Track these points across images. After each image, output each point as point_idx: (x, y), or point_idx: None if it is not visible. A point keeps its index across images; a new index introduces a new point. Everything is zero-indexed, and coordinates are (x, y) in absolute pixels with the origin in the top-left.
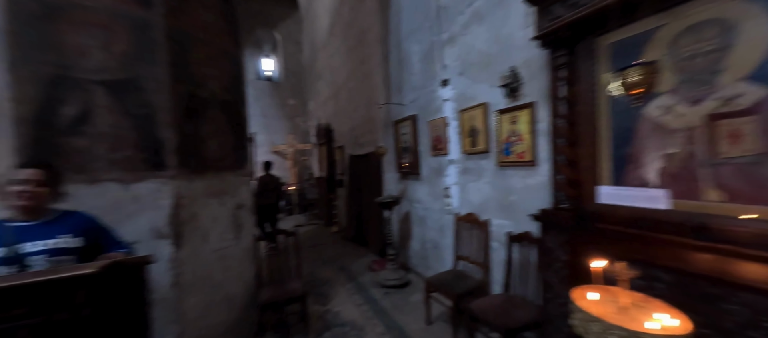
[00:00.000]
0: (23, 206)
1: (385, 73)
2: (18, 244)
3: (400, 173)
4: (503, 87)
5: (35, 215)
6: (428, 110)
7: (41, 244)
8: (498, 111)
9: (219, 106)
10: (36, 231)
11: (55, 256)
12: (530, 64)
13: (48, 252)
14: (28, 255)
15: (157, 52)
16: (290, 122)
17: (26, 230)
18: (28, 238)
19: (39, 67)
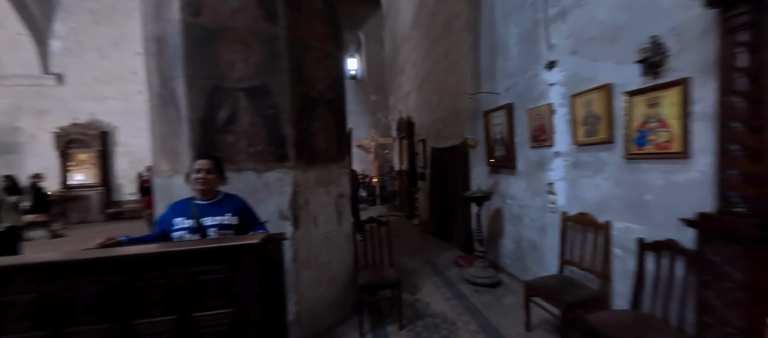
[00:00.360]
0: (200, 189)
1: (474, 62)
2: (201, 218)
3: (491, 167)
4: (640, 63)
5: (209, 196)
6: (528, 98)
7: (215, 219)
8: (628, 93)
9: (325, 104)
10: (211, 209)
11: (222, 230)
12: (682, 30)
13: (218, 226)
14: (207, 227)
15: (281, 60)
16: (372, 117)
17: (205, 207)
18: (206, 214)
19: (204, 80)
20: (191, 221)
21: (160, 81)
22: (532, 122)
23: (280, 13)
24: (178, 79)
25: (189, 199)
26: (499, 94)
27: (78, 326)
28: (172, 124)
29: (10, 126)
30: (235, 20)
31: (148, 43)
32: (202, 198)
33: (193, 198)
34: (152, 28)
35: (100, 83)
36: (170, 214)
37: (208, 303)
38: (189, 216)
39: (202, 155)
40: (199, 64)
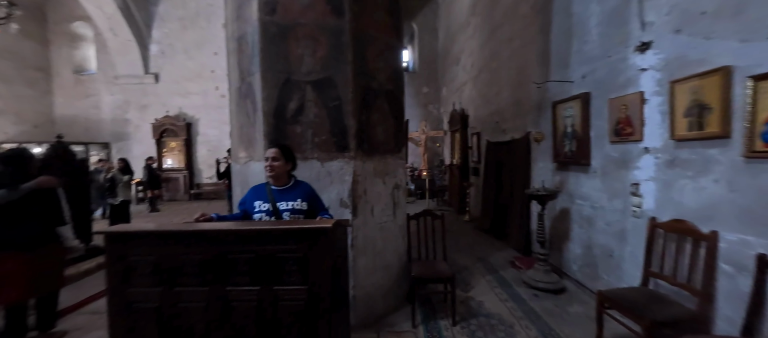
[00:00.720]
0: (272, 175)
1: (543, 48)
2: (277, 202)
3: (558, 163)
4: None
5: (281, 182)
6: (610, 86)
7: (288, 204)
8: (755, 77)
9: (384, 95)
10: (285, 194)
11: (294, 214)
12: None
13: (291, 211)
14: (282, 211)
15: (345, 53)
16: (423, 110)
17: (280, 192)
18: (281, 199)
19: (277, 74)
20: (268, 204)
21: (240, 76)
22: (615, 114)
23: (346, 7)
24: (255, 74)
25: (266, 184)
26: (573, 82)
27: (185, 286)
28: (249, 116)
29: (121, 118)
30: (304, 16)
31: (229, 43)
32: (275, 184)
33: (270, 183)
34: (233, 29)
35: (186, 81)
36: (251, 197)
37: (286, 279)
38: (266, 200)
39: (272, 145)
40: (272, 59)
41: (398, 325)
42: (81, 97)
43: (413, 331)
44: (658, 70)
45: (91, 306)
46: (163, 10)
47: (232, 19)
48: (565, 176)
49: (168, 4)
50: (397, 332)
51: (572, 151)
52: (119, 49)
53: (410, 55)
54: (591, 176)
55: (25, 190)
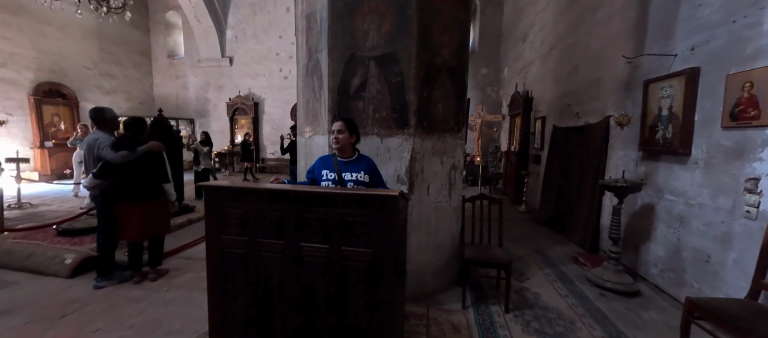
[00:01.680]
0: (337, 147)
1: (639, 16)
2: (342, 173)
3: (645, 152)
4: None
5: (346, 154)
6: (731, 58)
7: (352, 175)
8: None
9: (447, 72)
10: (349, 166)
11: (357, 185)
12: None
13: (355, 182)
14: (346, 181)
15: (410, 27)
16: (481, 93)
17: (345, 164)
18: (345, 170)
19: (343, 50)
20: (334, 174)
21: (308, 54)
22: (734, 93)
23: None
24: (322, 51)
25: (333, 155)
26: (676, 56)
27: (266, 239)
28: (315, 91)
29: (202, 97)
30: None
31: (299, 22)
32: (341, 156)
33: (336, 155)
34: (303, 7)
35: (254, 63)
36: (319, 166)
37: (353, 240)
38: (332, 170)
39: (337, 119)
40: (339, 35)
41: (448, 304)
42: (173, 78)
43: (463, 312)
44: None
45: (185, 253)
46: None
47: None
48: (653, 167)
49: None
50: (447, 310)
51: (666, 138)
52: (202, 35)
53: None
54: (689, 167)
55: (140, 152)
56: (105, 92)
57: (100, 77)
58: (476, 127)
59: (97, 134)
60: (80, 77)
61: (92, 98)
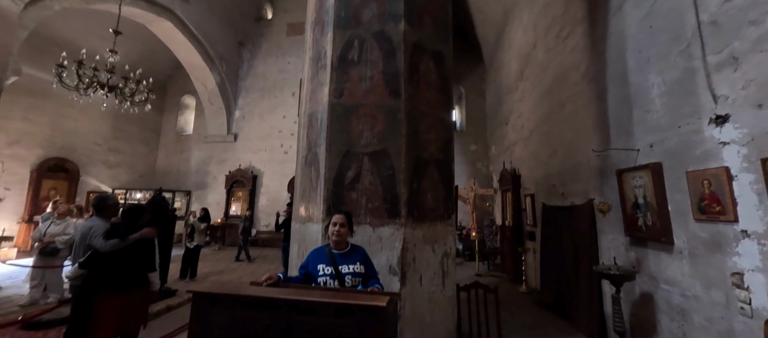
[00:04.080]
0: (335, 240)
1: (599, 115)
2: (339, 266)
3: (631, 237)
4: None
5: (341, 246)
6: (685, 158)
7: (349, 268)
8: None
9: (435, 164)
10: (345, 258)
11: (354, 277)
12: None
13: (352, 274)
14: (344, 275)
15: (399, 128)
16: (472, 167)
17: (340, 256)
18: (342, 262)
19: (339, 146)
20: (331, 268)
21: (307, 146)
22: (696, 189)
23: (402, 90)
24: (321, 146)
25: (325, 248)
26: (639, 151)
27: None
28: (312, 181)
29: (203, 170)
30: (366, 98)
31: (302, 119)
32: (336, 248)
33: (330, 247)
34: (306, 108)
35: (258, 139)
36: (313, 260)
37: None
38: (328, 263)
39: (334, 210)
40: (337, 133)
41: None
42: (178, 153)
43: None
44: (742, 145)
45: None
46: (249, 83)
47: (306, 100)
48: (643, 254)
49: (253, 79)
50: None
51: (648, 225)
52: (211, 115)
53: (458, 114)
54: (676, 257)
55: (131, 240)
56: (109, 166)
57: (107, 152)
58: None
59: (93, 221)
60: (88, 152)
61: (95, 172)
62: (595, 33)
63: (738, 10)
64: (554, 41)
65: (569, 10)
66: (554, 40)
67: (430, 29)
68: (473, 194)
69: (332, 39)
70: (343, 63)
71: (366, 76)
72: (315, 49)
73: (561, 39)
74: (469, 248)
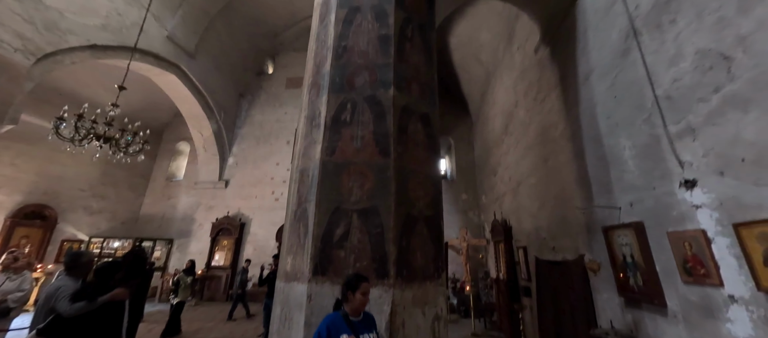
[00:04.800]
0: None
1: (580, 172)
2: (360, 335)
3: (625, 298)
4: None
5: (357, 313)
6: (664, 218)
7: (369, 336)
8: None
9: (424, 221)
10: (363, 326)
11: None
12: None
13: None
14: None
15: (389, 186)
16: (463, 216)
17: (359, 325)
18: (362, 330)
19: (329, 203)
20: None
21: (297, 202)
22: (679, 250)
23: (392, 149)
24: (311, 201)
25: (341, 315)
26: (620, 209)
27: None
28: (300, 238)
29: (189, 217)
30: (357, 156)
31: (293, 173)
32: (353, 315)
33: (346, 315)
34: (298, 163)
35: (249, 185)
36: (334, 331)
37: None
38: (349, 333)
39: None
40: (327, 190)
41: None
42: (164, 199)
43: None
44: (713, 209)
45: None
46: (245, 131)
47: (299, 156)
48: (639, 316)
49: (250, 127)
50: None
51: (639, 286)
52: (204, 162)
53: (448, 164)
54: (671, 321)
55: (100, 302)
56: (90, 212)
57: (90, 198)
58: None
59: (61, 281)
60: (70, 198)
61: (73, 219)
62: (568, 98)
63: (687, 89)
64: (533, 102)
65: (544, 77)
66: (533, 101)
67: (418, 94)
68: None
69: (327, 101)
70: (336, 123)
71: (357, 135)
72: (310, 109)
73: (538, 101)
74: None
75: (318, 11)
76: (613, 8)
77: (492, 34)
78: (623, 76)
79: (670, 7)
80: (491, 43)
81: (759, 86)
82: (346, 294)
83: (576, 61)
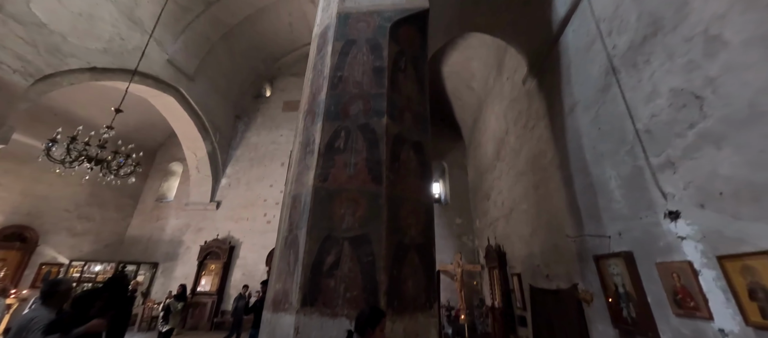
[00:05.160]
0: None
1: (570, 199)
2: None
3: (620, 330)
4: None
5: None
6: (652, 249)
7: None
8: None
9: (415, 249)
10: None
11: None
12: None
13: None
14: None
15: (381, 214)
16: (457, 241)
17: None
18: None
19: (320, 230)
20: None
21: (289, 228)
22: (668, 281)
23: (384, 176)
24: (302, 228)
25: None
26: (610, 237)
27: None
28: (290, 265)
29: (177, 239)
30: (349, 183)
31: (286, 199)
32: None
33: None
34: (291, 189)
35: (241, 207)
36: None
37: None
38: None
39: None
40: (318, 217)
41: None
42: (153, 220)
43: None
44: (697, 240)
45: None
46: (240, 153)
47: (292, 181)
48: None
49: (244, 149)
50: None
51: (632, 317)
52: (197, 183)
53: (442, 188)
54: None
55: (75, 335)
56: (73, 234)
57: (75, 220)
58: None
59: (35, 312)
60: (54, 219)
61: (55, 241)
62: (556, 128)
63: (664, 124)
64: (523, 130)
65: (532, 106)
66: (523, 129)
67: (410, 122)
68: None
69: (321, 129)
70: (329, 150)
71: (350, 162)
72: (305, 135)
73: (528, 129)
74: (459, 333)
75: (315, 42)
76: (593, 47)
77: (483, 64)
78: (605, 109)
79: (644, 48)
80: (482, 73)
81: (731, 124)
82: (365, 330)
83: (561, 93)
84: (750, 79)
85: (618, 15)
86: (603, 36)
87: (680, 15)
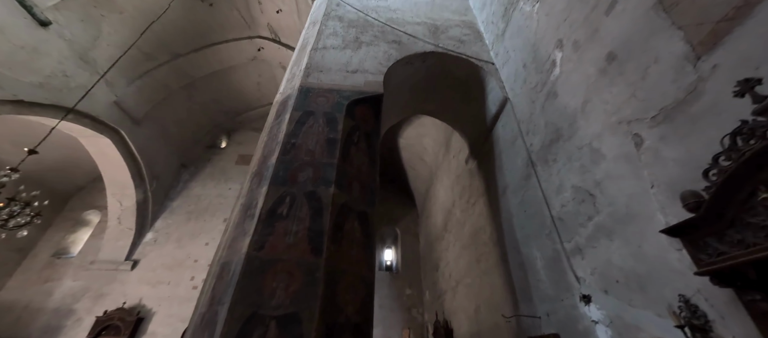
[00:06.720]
0: None
1: (506, 277)
2: None
3: None
4: (680, 329)
5: None
6: (572, 331)
7: None
8: None
9: (350, 329)
10: None
11: None
12: (710, 295)
13: None
14: None
15: (316, 288)
16: (407, 314)
17: None
18: None
19: (245, 307)
20: None
21: (209, 302)
22: None
23: (325, 247)
24: (224, 304)
25: None
26: (540, 318)
27: None
28: None
29: (67, 308)
30: (288, 254)
31: (213, 267)
32: None
33: None
34: (221, 256)
35: (164, 268)
36: None
37: None
38: None
39: None
40: (246, 291)
41: None
42: (40, 282)
43: None
44: (606, 325)
45: None
46: (178, 204)
47: (224, 247)
48: None
49: (184, 200)
50: None
51: None
52: (114, 236)
53: (393, 255)
54: None
55: None
56: None
57: None
58: None
59: None
60: None
61: None
62: (492, 206)
63: (571, 214)
64: (466, 205)
65: (473, 184)
66: (466, 204)
67: (358, 193)
68: None
69: (266, 192)
70: (271, 216)
71: (291, 231)
72: (248, 197)
73: (470, 204)
74: None
75: (275, 108)
76: (517, 142)
77: (433, 141)
78: (528, 195)
79: (551, 149)
80: (433, 148)
81: (616, 220)
82: None
83: (495, 176)
84: (623, 187)
85: (532, 120)
86: (523, 134)
87: (573, 128)
